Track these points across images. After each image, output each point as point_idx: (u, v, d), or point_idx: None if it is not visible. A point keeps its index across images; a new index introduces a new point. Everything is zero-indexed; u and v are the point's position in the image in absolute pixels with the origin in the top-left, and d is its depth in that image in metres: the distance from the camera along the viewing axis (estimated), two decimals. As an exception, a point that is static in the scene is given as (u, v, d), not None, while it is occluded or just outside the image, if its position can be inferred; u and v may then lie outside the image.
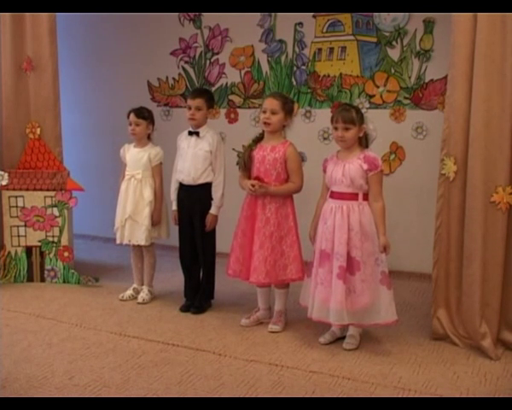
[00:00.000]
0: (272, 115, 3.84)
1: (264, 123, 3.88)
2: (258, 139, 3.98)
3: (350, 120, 3.55)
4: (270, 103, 3.86)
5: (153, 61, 5.97)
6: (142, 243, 4.44)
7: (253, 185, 3.84)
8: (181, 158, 4.30)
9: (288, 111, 3.90)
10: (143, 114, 4.44)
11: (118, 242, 4.54)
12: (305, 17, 5.28)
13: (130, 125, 4.43)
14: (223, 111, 5.76)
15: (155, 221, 4.45)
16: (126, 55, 6.06)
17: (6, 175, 4.79)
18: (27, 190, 4.90)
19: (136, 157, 4.46)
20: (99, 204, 5.92)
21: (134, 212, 4.42)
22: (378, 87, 5.15)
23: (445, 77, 3.97)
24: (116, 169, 4.70)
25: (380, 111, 5.13)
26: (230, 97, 5.73)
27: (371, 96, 5.18)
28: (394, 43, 5.05)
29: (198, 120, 4.22)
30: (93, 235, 6.31)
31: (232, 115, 5.74)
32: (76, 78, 6.17)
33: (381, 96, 5.14)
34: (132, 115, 4.42)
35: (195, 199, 4.24)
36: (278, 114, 3.84)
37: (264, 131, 3.96)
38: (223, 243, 4.40)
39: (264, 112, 3.87)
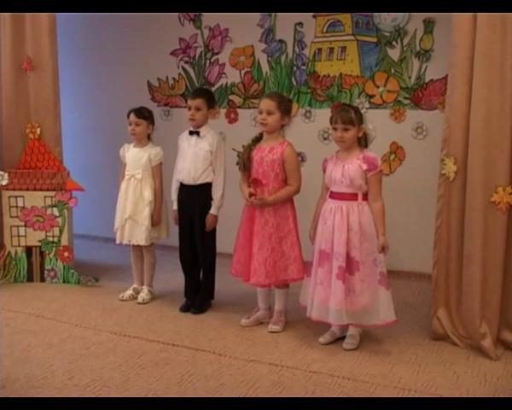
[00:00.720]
0: (268, 116, 3.84)
1: (261, 124, 3.89)
2: (258, 139, 3.98)
3: (349, 120, 3.56)
4: (266, 104, 3.86)
5: (153, 61, 5.96)
6: (142, 243, 4.44)
7: (249, 196, 3.85)
8: (181, 158, 4.31)
9: (285, 110, 3.88)
10: (143, 113, 4.44)
11: (117, 242, 4.54)
12: (305, 17, 5.27)
13: (131, 124, 4.43)
14: (223, 111, 5.75)
15: (155, 221, 4.45)
16: (126, 55, 6.05)
17: (6, 175, 4.80)
18: (27, 190, 4.90)
19: (136, 157, 4.46)
20: (99, 204, 5.92)
21: (134, 212, 4.42)
22: (378, 87, 5.14)
23: (445, 77, 3.98)
24: (116, 169, 4.70)
25: (380, 111, 5.13)
26: (230, 97, 5.73)
27: (371, 96, 5.17)
28: (394, 43, 5.04)
29: (198, 121, 4.22)
30: (93, 235, 6.30)
31: (232, 115, 5.74)
32: (76, 78, 6.16)
33: (381, 96, 5.14)
34: (132, 115, 4.42)
35: (195, 199, 4.24)
36: (274, 115, 3.84)
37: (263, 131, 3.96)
38: (223, 243, 4.41)
39: (261, 113, 3.87)
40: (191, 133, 4.27)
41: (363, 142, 3.66)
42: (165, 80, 5.97)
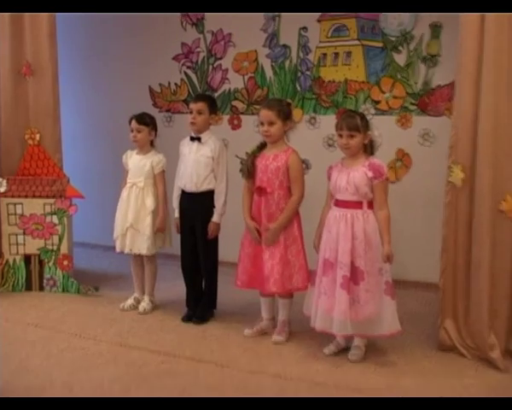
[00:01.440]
0: (270, 127, 3.84)
1: (264, 136, 3.89)
2: (262, 146, 3.98)
3: (354, 127, 3.56)
4: (266, 115, 3.85)
5: (155, 66, 5.99)
6: (144, 252, 4.43)
7: (257, 230, 3.89)
8: (183, 164, 4.32)
9: (286, 117, 3.87)
10: (145, 120, 4.44)
11: (118, 250, 4.54)
12: (310, 22, 5.30)
13: (132, 131, 4.43)
14: (226, 117, 5.78)
15: (160, 228, 4.43)
16: (128, 59, 6.08)
17: (4, 182, 4.82)
18: (26, 197, 4.91)
19: (138, 164, 4.46)
20: (99, 212, 5.91)
21: (135, 221, 4.42)
22: (384, 93, 5.15)
23: (453, 82, 3.99)
24: (117, 176, 4.70)
25: (386, 117, 5.14)
26: (233, 103, 5.75)
27: (377, 102, 5.19)
28: (400, 48, 5.06)
29: (199, 125, 4.22)
30: (93, 243, 6.31)
31: (235, 122, 5.76)
32: (76, 83, 6.19)
33: (387, 103, 5.15)
34: (134, 122, 4.41)
35: (197, 206, 4.25)
36: (276, 124, 3.83)
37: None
38: (225, 251, 4.42)
39: (262, 124, 3.87)
40: (192, 139, 4.28)
41: (368, 149, 3.67)
42: (167, 86, 6.00)
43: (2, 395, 3.15)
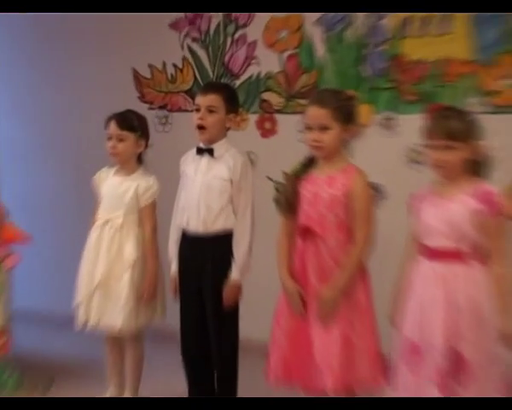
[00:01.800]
0: (323, 133, 3.83)
1: (313, 147, 3.89)
2: (309, 163, 3.98)
3: (454, 133, 3.57)
4: (316, 116, 3.84)
5: (141, 40, 6.09)
6: (117, 326, 4.42)
7: (301, 296, 3.88)
8: (185, 191, 4.38)
9: (346, 118, 3.86)
10: (130, 122, 4.50)
11: (80, 323, 4.53)
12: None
13: (110, 139, 4.47)
14: (252, 118, 5.85)
15: (149, 295, 4.47)
16: (99, 29, 6.18)
17: None
18: None
19: (116, 191, 4.50)
20: (54, 264, 5.98)
21: (107, 277, 4.44)
22: (503, 79, 5.17)
23: None
24: (82, 209, 4.75)
25: (506, 118, 5.14)
26: (265, 96, 5.82)
27: (491, 94, 5.21)
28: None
29: (210, 130, 4.27)
30: (44, 313, 6.36)
31: (267, 125, 5.82)
32: (17, 69, 6.29)
33: (509, 94, 5.18)
34: (113, 125, 4.46)
35: (207, 257, 4.29)
36: (332, 129, 3.82)
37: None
38: (250, 327, 4.46)
39: (310, 129, 3.88)
40: (200, 152, 4.34)
41: (477, 168, 3.67)
42: (162, 68, 6.08)
43: None
